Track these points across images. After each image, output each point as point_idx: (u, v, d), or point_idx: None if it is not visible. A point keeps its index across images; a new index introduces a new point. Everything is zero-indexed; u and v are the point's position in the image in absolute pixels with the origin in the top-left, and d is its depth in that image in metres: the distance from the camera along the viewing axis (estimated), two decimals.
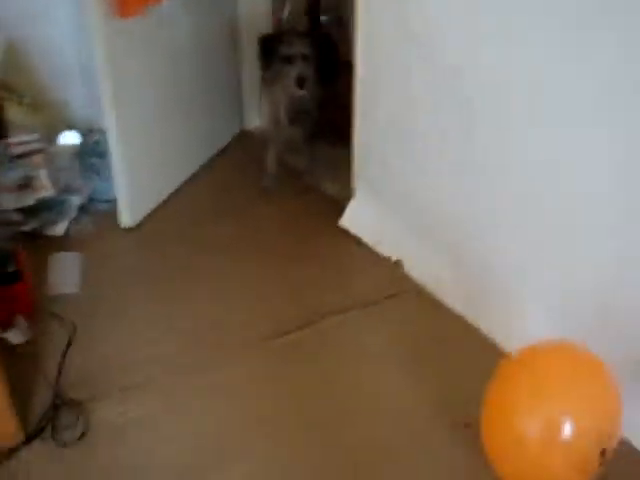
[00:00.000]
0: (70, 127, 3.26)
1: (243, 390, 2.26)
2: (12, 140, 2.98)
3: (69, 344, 2.34)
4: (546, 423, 1.72)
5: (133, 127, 2.93)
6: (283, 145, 3.27)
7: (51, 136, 3.17)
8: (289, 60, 2.91)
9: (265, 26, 3.50)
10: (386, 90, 2.66)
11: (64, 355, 2.30)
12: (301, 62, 2.90)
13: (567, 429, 1.69)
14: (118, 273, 2.81)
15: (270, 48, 2.95)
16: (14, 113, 3.10)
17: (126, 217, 3.02)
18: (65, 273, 2.76)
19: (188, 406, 2.20)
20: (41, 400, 2.18)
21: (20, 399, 2.10)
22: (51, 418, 2.11)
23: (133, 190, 3.00)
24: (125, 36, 2.76)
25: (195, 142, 3.38)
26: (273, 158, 3.28)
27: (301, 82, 2.89)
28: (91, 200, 3.12)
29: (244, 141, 3.68)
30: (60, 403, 2.16)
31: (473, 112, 2.29)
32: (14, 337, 2.41)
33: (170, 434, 2.11)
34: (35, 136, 3.03)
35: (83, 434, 2.08)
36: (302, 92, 2.94)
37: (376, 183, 2.87)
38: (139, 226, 3.05)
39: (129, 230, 3.03)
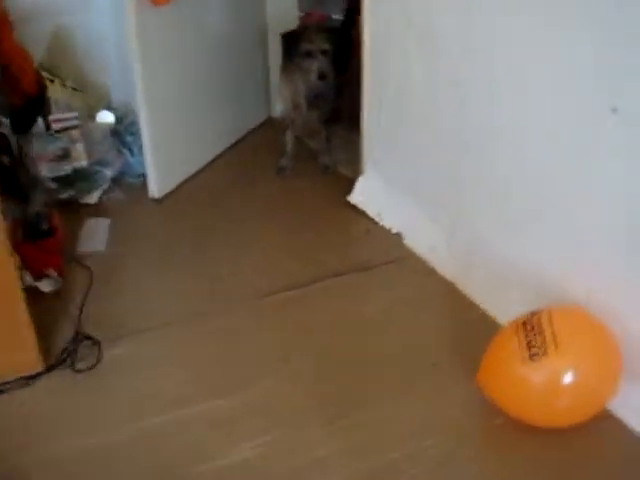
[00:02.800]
0: (107, 108, 3.54)
1: (243, 335, 2.49)
2: (53, 117, 3.26)
3: (89, 288, 2.60)
4: (552, 373, 1.93)
5: (162, 108, 3.21)
6: (301, 128, 3.50)
7: (89, 115, 3.44)
8: (310, 55, 3.16)
9: (291, 20, 3.74)
10: (389, 77, 2.89)
11: (85, 298, 2.57)
12: (321, 57, 3.16)
13: (571, 378, 1.92)
14: (142, 236, 3.08)
15: (292, 43, 3.19)
16: (57, 93, 3.38)
17: (153, 189, 3.30)
18: (94, 234, 3.04)
19: (192, 347, 2.45)
20: (63, 337, 2.45)
21: (45, 337, 2.37)
22: (71, 351, 2.38)
23: (161, 165, 3.28)
24: (156, 22, 3.03)
25: (221, 126, 3.65)
26: (290, 140, 3.52)
27: (322, 76, 3.15)
28: (123, 174, 3.41)
29: (269, 127, 3.95)
30: (80, 338, 2.42)
31: (465, 95, 2.49)
32: (45, 286, 2.68)
33: (172, 370, 2.35)
34: (74, 114, 3.30)
35: (96, 363, 2.33)
36: (323, 83, 3.19)
37: (382, 163, 3.10)
38: (165, 198, 3.33)
39: (156, 201, 3.31)
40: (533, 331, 1.91)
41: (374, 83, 2.99)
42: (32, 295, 2.53)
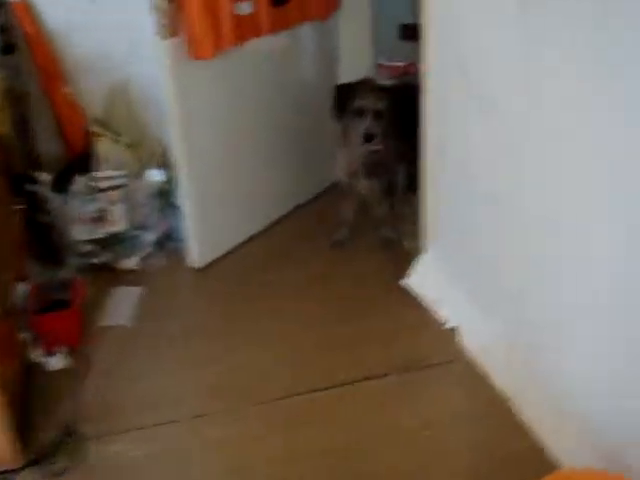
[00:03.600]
0: (160, 164, 3.30)
1: (246, 448, 2.15)
2: (98, 175, 3.07)
3: (89, 374, 2.37)
4: None
5: (206, 169, 2.94)
6: (360, 198, 3.15)
7: (139, 172, 3.22)
8: (361, 113, 2.80)
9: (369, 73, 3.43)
10: (448, 146, 2.53)
11: (82, 385, 2.33)
12: (371, 117, 2.78)
13: None
14: (173, 311, 2.82)
15: (345, 98, 2.85)
16: (107, 149, 3.20)
17: (194, 257, 3.03)
18: (121, 306, 2.80)
19: (187, 454, 2.13)
20: (52, 427, 2.19)
21: (32, 425, 2.16)
22: (53, 447, 2.12)
23: (204, 232, 3.00)
24: (199, 77, 2.78)
25: (275, 191, 3.32)
26: (347, 211, 3.18)
27: (368, 138, 2.77)
28: (167, 237, 3.16)
29: (334, 194, 3.48)
30: (67, 432, 2.16)
31: (527, 179, 2.07)
32: (52, 364, 2.47)
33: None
34: (121, 172, 3.11)
35: (78, 464, 2.07)
36: (372, 147, 2.82)
37: (442, 242, 2.72)
38: (207, 267, 3.06)
39: (197, 270, 3.03)
40: None
41: (433, 152, 2.63)
42: (36, 371, 2.33)
